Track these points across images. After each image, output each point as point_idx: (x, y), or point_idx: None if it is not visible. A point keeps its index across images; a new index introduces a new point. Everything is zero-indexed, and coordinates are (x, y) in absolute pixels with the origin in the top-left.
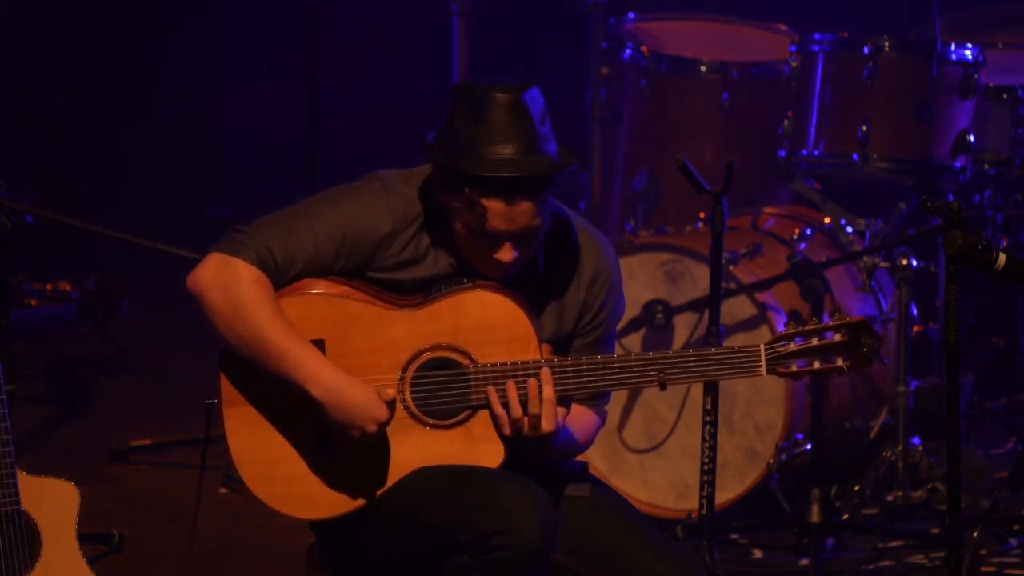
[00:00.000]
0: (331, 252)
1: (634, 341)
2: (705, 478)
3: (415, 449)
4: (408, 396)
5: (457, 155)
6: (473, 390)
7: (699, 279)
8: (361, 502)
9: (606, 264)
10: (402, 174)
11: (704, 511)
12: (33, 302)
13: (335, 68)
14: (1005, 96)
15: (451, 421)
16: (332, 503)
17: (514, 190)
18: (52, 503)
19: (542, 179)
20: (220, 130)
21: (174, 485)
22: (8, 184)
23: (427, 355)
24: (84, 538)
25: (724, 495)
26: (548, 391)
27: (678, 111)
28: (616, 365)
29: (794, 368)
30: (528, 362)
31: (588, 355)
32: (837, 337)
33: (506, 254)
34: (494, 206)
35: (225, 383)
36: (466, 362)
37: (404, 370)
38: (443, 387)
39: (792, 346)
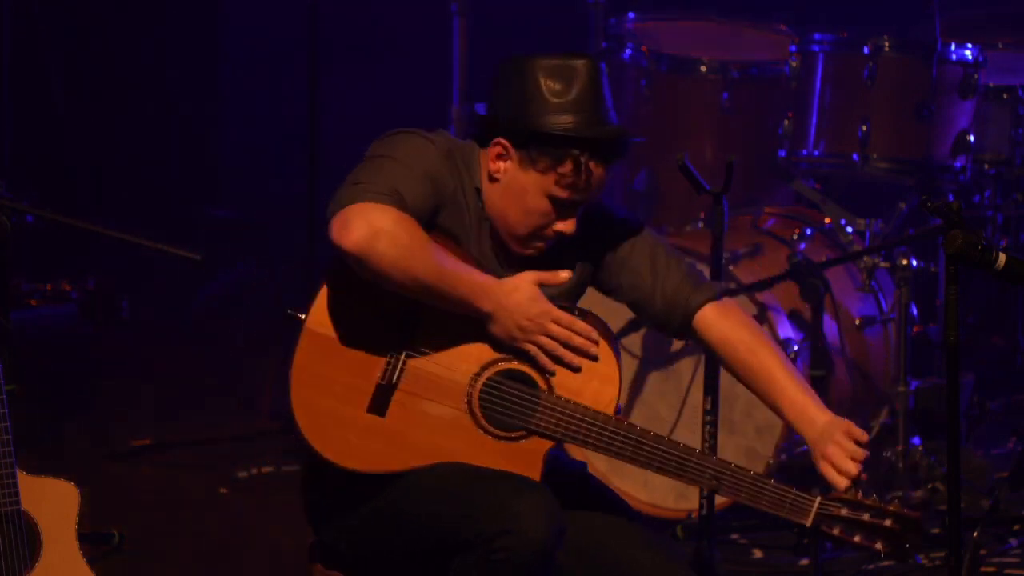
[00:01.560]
0: (431, 192)
1: (634, 341)
2: None
3: (459, 443)
4: (476, 395)
5: (563, 119)
6: (537, 415)
7: None
8: (388, 468)
9: (599, 215)
10: (429, 132)
11: (704, 511)
12: (33, 302)
13: (335, 68)
14: (1005, 96)
15: (504, 434)
16: (362, 457)
17: (615, 156)
18: (52, 503)
19: (628, 144)
20: (220, 130)
21: (174, 485)
22: (8, 184)
23: (513, 363)
24: (84, 538)
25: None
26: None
27: (678, 111)
28: (677, 454)
29: (836, 531)
30: (598, 413)
31: (674, 281)
32: (888, 523)
33: (572, 225)
34: (598, 171)
35: (320, 305)
36: (543, 385)
37: (484, 368)
38: (511, 401)
39: (844, 511)
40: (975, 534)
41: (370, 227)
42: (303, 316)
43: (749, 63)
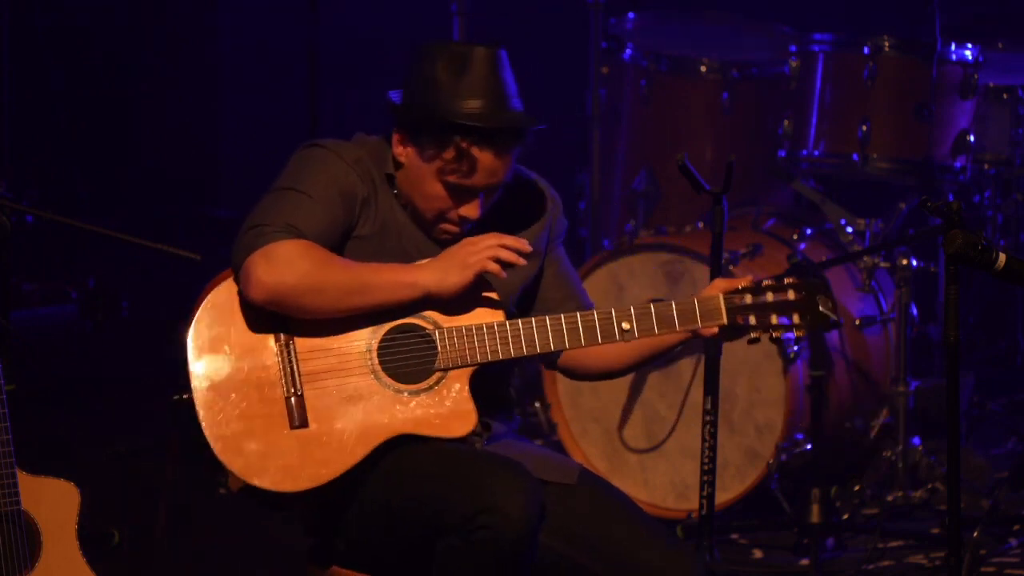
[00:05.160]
0: (339, 211)
1: None
2: (705, 478)
3: (385, 414)
4: (377, 365)
5: (448, 105)
6: (441, 353)
7: (699, 279)
8: (340, 470)
9: (556, 203)
10: (339, 142)
11: (704, 511)
12: (33, 302)
13: (335, 69)
14: (1005, 96)
15: (422, 385)
16: (311, 473)
17: (505, 143)
18: (52, 503)
19: (527, 133)
20: (220, 131)
21: (173, 485)
22: (8, 184)
23: (393, 323)
24: (84, 538)
25: (724, 495)
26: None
27: (678, 111)
28: (584, 321)
29: (753, 321)
30: (492, 324)
31: (565, 291)
32: (792, 295)
33: (474, 210)
34: (484, 157)
35: (193, 363)
36: (430, 327)
37: (370, 336)
38: (410, 353)
39: (749, 297)
40: (975, 534)
41: (275, 270)
42: (187, 395)
43: (749, 63)
